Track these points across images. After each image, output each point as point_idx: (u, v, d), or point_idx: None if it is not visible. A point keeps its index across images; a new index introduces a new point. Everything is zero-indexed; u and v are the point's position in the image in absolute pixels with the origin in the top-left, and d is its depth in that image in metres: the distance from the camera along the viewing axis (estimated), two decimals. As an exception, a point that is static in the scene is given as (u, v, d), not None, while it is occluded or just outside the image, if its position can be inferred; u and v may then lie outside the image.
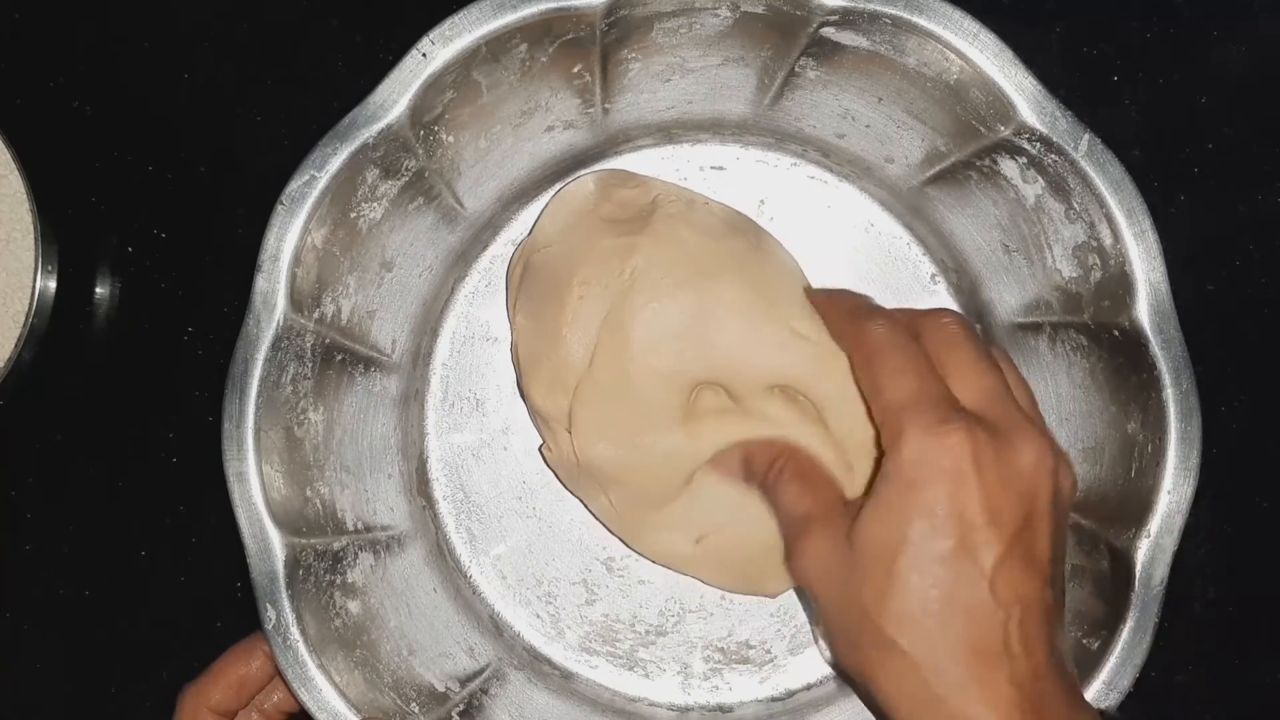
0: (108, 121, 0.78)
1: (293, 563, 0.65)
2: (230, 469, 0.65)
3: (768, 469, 0.67)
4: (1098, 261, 0.67)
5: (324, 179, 0.65)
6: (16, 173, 0.73)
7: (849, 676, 0.61)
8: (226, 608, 0.76)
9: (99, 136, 0.78)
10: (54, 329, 0.75)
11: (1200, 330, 0.70)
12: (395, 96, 0.64)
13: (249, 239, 0.65)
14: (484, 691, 0.72)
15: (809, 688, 0.75)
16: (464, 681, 0.72)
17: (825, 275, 0.69)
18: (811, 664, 0.75)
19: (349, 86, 0.69)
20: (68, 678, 0.78)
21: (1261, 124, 0.78)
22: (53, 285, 0.75)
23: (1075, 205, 0.66)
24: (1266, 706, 0.79)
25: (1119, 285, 0.66)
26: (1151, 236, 0.65)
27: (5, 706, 0.77)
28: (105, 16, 0.78)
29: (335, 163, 0.65)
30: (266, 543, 0.65)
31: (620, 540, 0.74)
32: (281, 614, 0.65)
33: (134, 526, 0.78)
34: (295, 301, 0.65)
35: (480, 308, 0.76)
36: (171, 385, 0.77)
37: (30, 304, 0.73)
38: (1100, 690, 0.66)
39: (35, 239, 0.73)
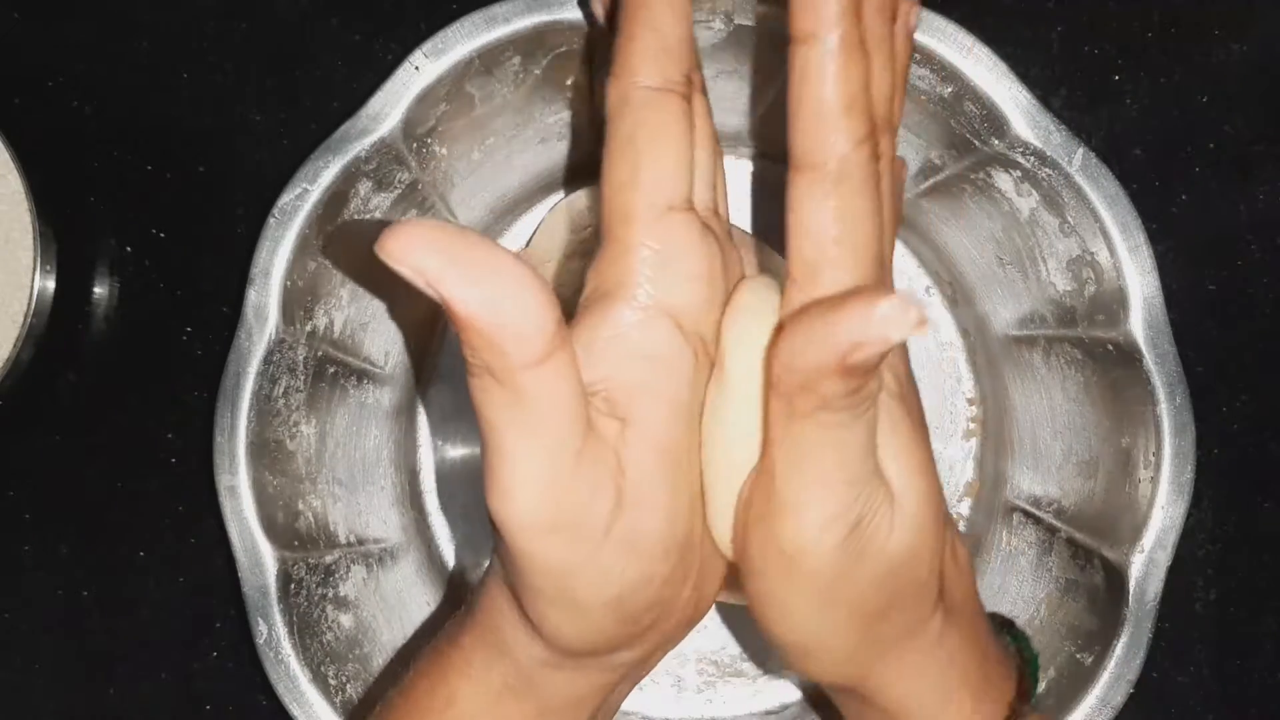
0: (107, 121, 0.78)
1: (284, 576, 0.65)
2: (222, 482, 0.65)
3: None
4: (1092, 275, 0.67)
5: (316, 192, 0.65)
6: (15, 172, 0.73)
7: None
8: (226, 608, 0.76)
9: (98, 136, 0.78)
10: (52, 329, 0.75)
11: (1200, 330, 0.70)
12: (388, 109, 0.64)
13: (248, 239, 0.65)
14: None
15: (802, 701, 0.75)
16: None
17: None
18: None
19: (349, 86, 0.69)
20: (67, 678, 0.78)
21: (1261, 124, 0.78)
22: (51, 285, 0.75)
23: (1069, 219, 0.66)
24: (1267, 707, 0.79)
25: (1113, 300, 0.66)
26: (1145, 251, 0.65)
27: (5, 706, 0.78)
28: (104, 16, 0.78)
29: (327, 175, 0.65)
30: (258, 556, 0.65)
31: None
32: (273, 628, 0.65)
33: (133, 526, 0.78)
34: (287, 314, 0.66)
35: (473, 319, 0.75)
36: (170, 386, 0.77)
37: (29, 304, 0.73)
38: (1094, 706, 0.66)
39: (34, 239, 0.73)
